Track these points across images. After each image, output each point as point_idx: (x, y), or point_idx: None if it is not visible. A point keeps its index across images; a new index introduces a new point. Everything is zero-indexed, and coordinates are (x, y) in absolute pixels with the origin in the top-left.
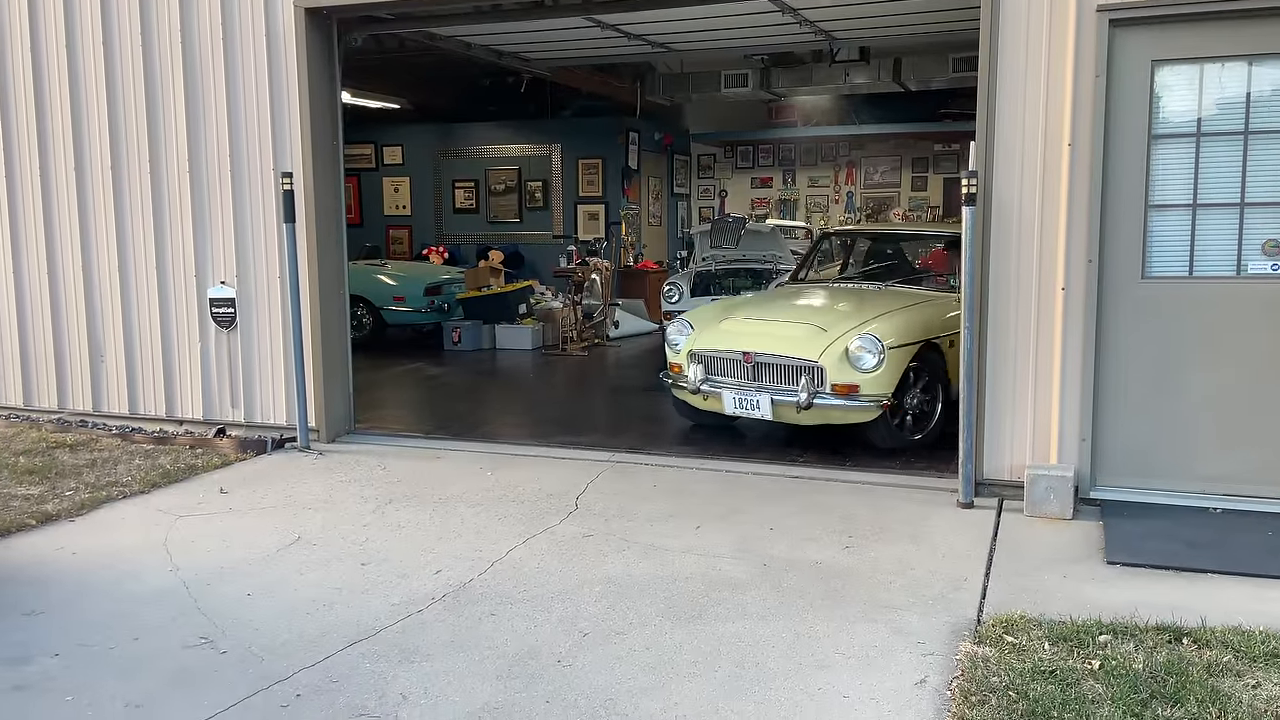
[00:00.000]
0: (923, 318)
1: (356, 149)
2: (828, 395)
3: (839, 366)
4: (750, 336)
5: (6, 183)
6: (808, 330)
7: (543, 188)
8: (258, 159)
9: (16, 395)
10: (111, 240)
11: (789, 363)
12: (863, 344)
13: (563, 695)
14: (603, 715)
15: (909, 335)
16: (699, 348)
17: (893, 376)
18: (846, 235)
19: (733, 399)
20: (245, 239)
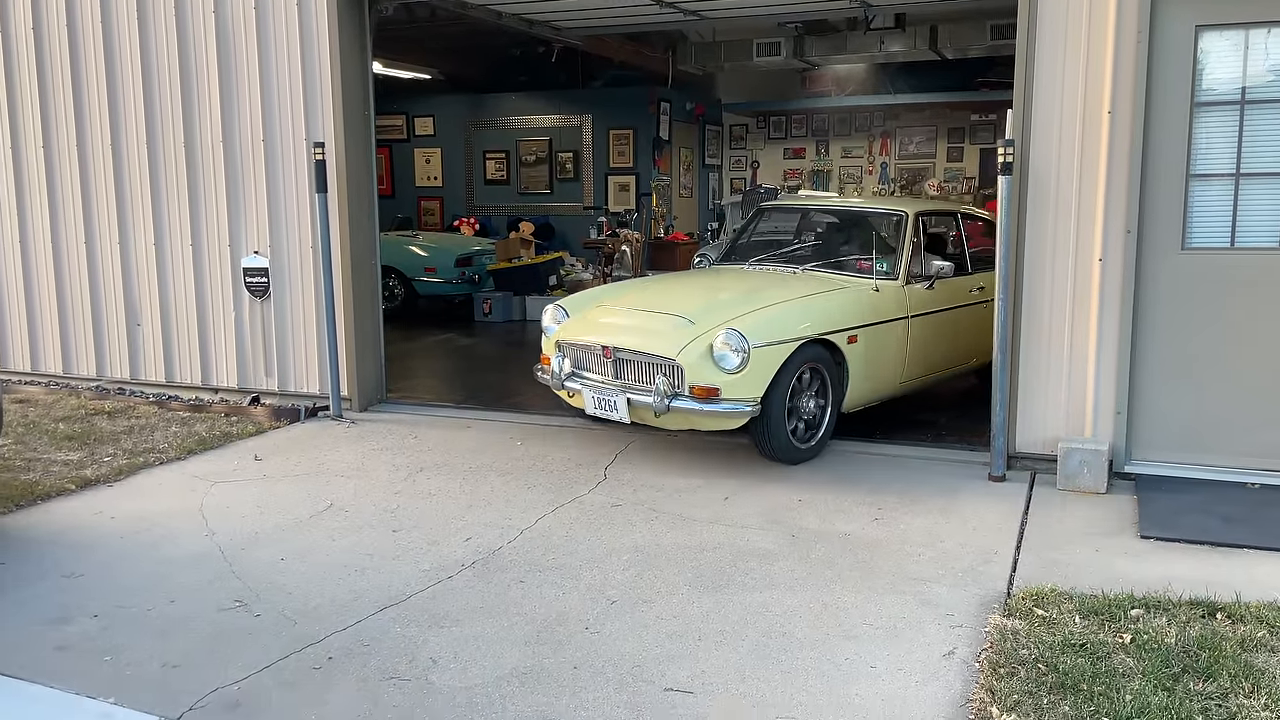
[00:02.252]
0: (819, 310)
1: (388, 120)
2: (686, 398)
3: (699, 365)
4: (614, 328)
5: (44, 155)
6: (673, 323)
7: (573, 159)
8: (290, 130)
9: (56, 363)
10: (147, 210)
11: (647, 359)
12: (726, 340)
13: (590, 661)
14: (630, 681)
15: (789, 331)
16: (565, 338)
17: (762, 378)
18: (785, 210)
19: (592, 398)
20: (278, 209)
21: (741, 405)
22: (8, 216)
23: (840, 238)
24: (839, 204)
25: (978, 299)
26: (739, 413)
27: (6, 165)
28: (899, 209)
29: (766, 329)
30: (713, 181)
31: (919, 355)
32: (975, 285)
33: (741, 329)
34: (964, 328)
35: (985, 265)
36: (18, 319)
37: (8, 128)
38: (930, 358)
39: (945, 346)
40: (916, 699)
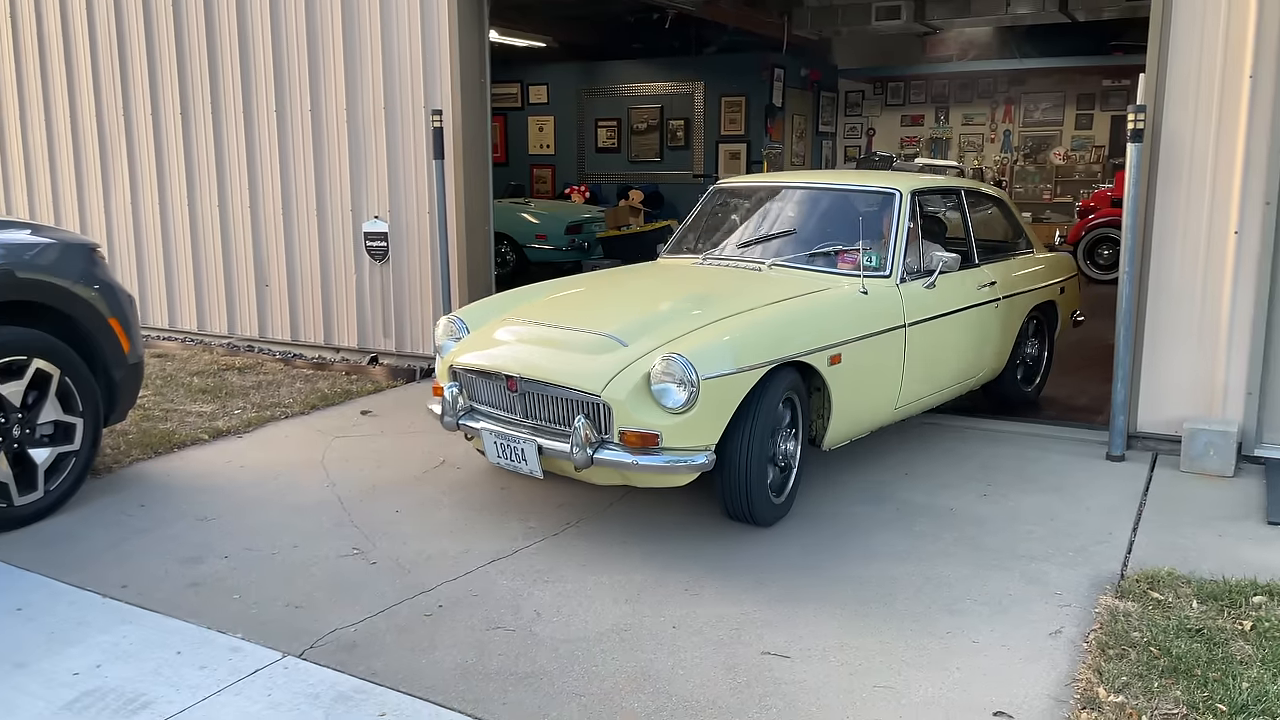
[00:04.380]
0: (792, 321)
1: (503, 88)
2: (615, 446)
3: (632, 403)
4: (522, 350)
5: (182, 123)
6: (599, 344)
7: (684, 126)
8: (410, 98)
9: (191, 320)
10: (276, 176)
11: (563, 394)
12: (667, 369)
13: (689, 622)
14: (728, 643)
15: (753, 352)
16: (460, 361)
17: (717, 418)
18: (746, 192)
19: (494, 444)
20: (397, 176)
21: (688, 457)
22: (148, 181)
23: (818, 224)
24: (815, 181)
25: (988, 298)
26: (685, 466)
27: (147, 132)
28: (891, 186)
29: (723, 352)
30: (826, 149)
31: (918, 373)
32: (984, 280)
33: (687, 352)
34: (972, 336)
35: (995, 254)
36: (157, 278)
37: (148, 96)
38: (932, 375)
39: (950, 360)
40: (1019, 676)
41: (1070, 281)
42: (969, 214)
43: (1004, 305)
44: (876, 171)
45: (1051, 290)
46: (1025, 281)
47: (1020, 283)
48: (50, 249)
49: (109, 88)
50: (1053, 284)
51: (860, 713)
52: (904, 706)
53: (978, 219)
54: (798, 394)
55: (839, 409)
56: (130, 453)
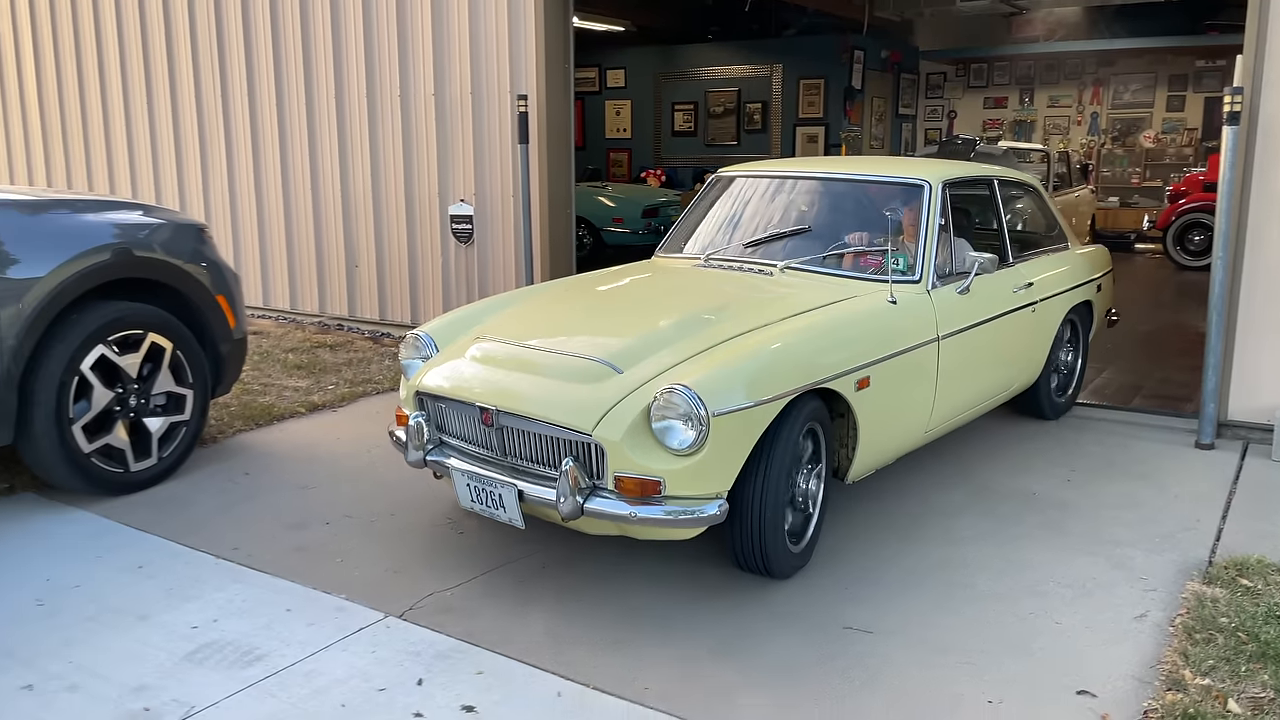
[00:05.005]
0: (817, 339)
1: (581, 73)
2: (609, 495)
3: (630, 444)
4: (499, 374)
5: (277, 108)
6: (589, 370)
7: (761, 110)
8: (495, 83)
9: (285, 299)
10: (366, 160)
11: (547, 431)
12: (671, 404)
13: (770, 596)
14: (806, 618)
15: (772, 381)
16: (428, 387)
17: (731, 460)
18: (754, 183)
19: (467, 486)
20: (483, 159)
21: (697, 507)
22: (244, 163)
23: (836, 220)
24: (833, 171)
25: (1024, 301)
26: (693, 519)
27: (244, 116)
28: (919, 176)
29: (737, 381)
30: (906, 132)
31: (952, 392)
32: (1020, 282)
33: (695, 383)
34: (1008, 345)
35: (1030, 251)
36: (253, 259)
37: (245, 83)
38: (966, 392)
39: (986, 374)
40: (1103, 657)
41: (1107, 278)
42: (1001, 206)
43: (1041, 309)
44: (903, 159)
45: (1089, 289)
46: (1063, 281)
47: (1058, 282)
48: (163, 229)
49: (207, 76)
50: (1091, 282)
51: (942, 687)
52: (985, 683)
53: (1011, 211)
54: (821, 423)
55: (866, 438)
56: (234, 424)
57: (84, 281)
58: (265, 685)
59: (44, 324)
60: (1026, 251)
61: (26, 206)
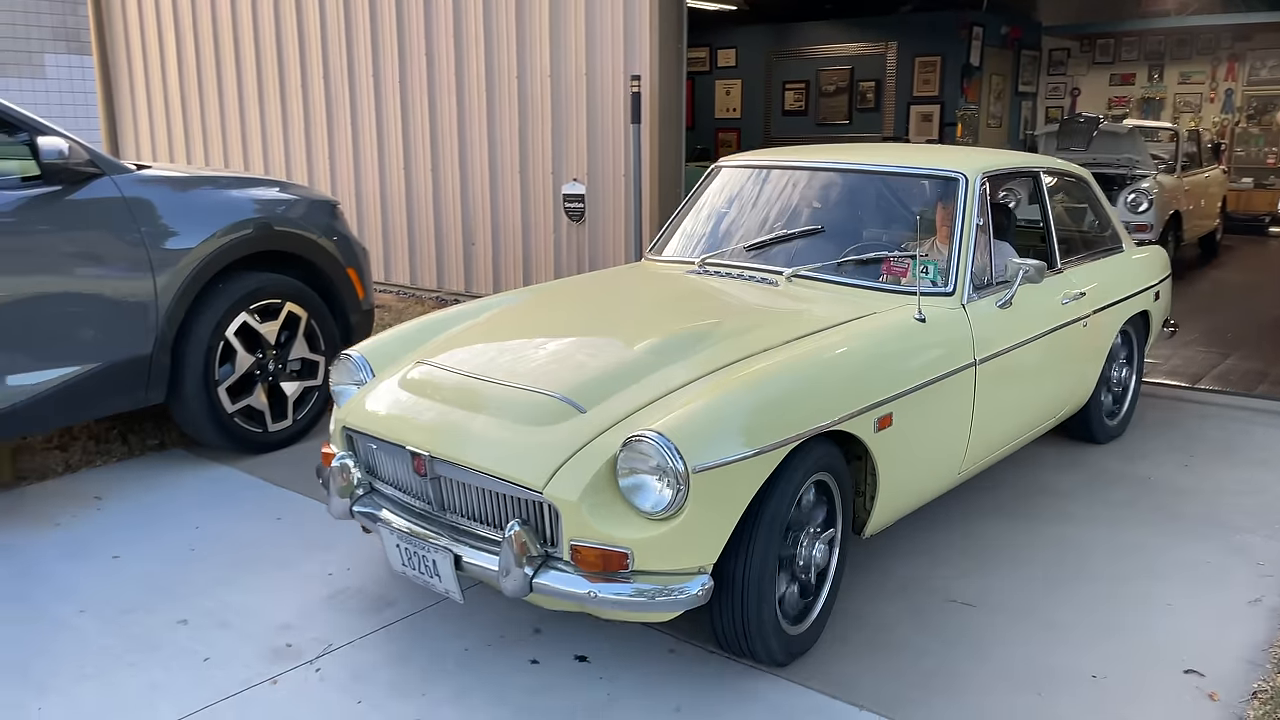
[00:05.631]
0: (828, 372)
1: (692, 52)
2: (565, 567)
3: (590, 505)
4: (437, 411)
5: (400, 90)
6: (545, 408)
7: (874, 88)
8: (610, 64)
9: (405, 275)
10: (483, 141)
11: (490, 486)
12: (641, 455)
13: (877, 565)
14: (912, 590)
15: (770, 426)
16: (352, 422)
17: (717, 525)
18: (759, 175)
19: (397, 548)
20: (595, 139)
21: (673, 586)
22: (369, 145)
23: (855, 220)
24: (853, 162)
25: (1075, 315)
26: (668, 601)
27: (369, 98)
28: (955, 168)
29: (726, 425)
30: (1025, 110)
31: (990, 424)
32: (1070, 291)
33: (673, 429)
34: (1056, 366)
35: (1081, 254)
36: (375, 235)
37: (371, 65)
38: (1007, 425)
39: (1030, 401)
40: (1213, 639)
41: (1165, 284)
42: (1048, 202)
43: (1094, 322)
44: (935, 147)
45: (1146, 297)
46: (1118, 288)
47: (1113, 290)
48: (299, 204)
49: (336, 61)
50: (1149, 289)
51: (1045, 660)
52: (1090, 658)
53: (1059, 209)
54: (834, 472)
55: (888, 486)
56: None
57: (229, 253)
58: (395, 628)
59: (194, 293)
60: (1077, 255)
61: (179, 183)
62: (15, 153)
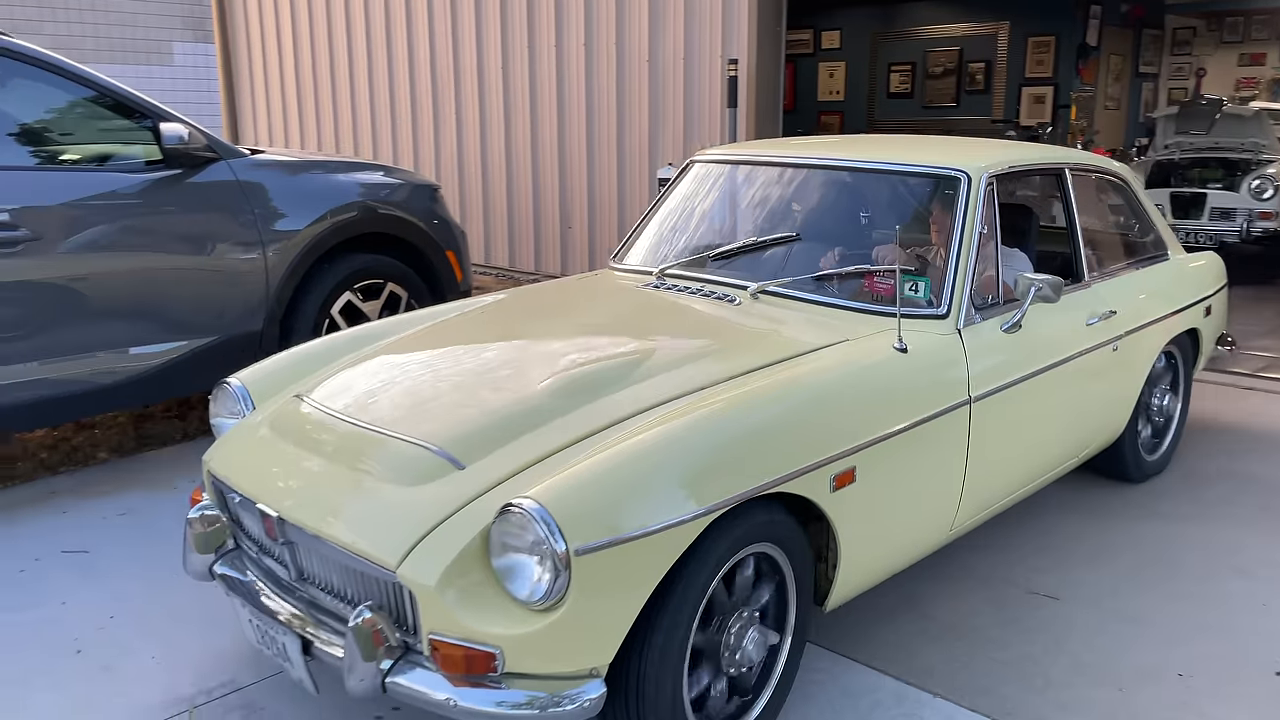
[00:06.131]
0: (768, 424)
1: (795, 34)
2: (425, 664)
3: (452, 590)
4: (297, 459)
5: (503, 76)
6: (417, 463)
7: (984, 69)
8: (707, 47)
9: (504, 258)
10: (581, 126)
11: (341, 559)
12: (513, 528)
13: (960, 558)
14: (995, 583)
15: (684, 491)
16: (214, 467)
17: (612, 620)
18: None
19: (249, 623)
20: (692, 123)
21: (558, 694)
22: (472, 130)
23: (837, 226)
24: (839, 158)
25: (1104, 338)
26: (546, 712)
27: (472, 83)
28: (956, 166)
29: (623, 491)
30: (1146, 92)
31: (990, 473)
32: (1098, 310)
33: (554, 498)
34: (1079, 398)
35: (1116, 265)
36: (476, 218)
37: (475, 51)
38: (1012, 472)
39: (1042, 442)
40: None
41: (1219, 296)
42: (1075, 206)
43: (1128, 345)
44: (939, 139)
45: (1195, 313)
46: (1160, 304)
47: (1153, 307)
48: (401, 188)
49: (442, 50)
50: (1198, 304)
51: (1128, 657)
52: (1177, 656)
53: (1089, 213)
54: (779, 543)
55: (853, 553)
56: None
57: (335, 235)
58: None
59: (302, 272)
60: (1110, 266)
61: (289, 167)
62: (140, 138)
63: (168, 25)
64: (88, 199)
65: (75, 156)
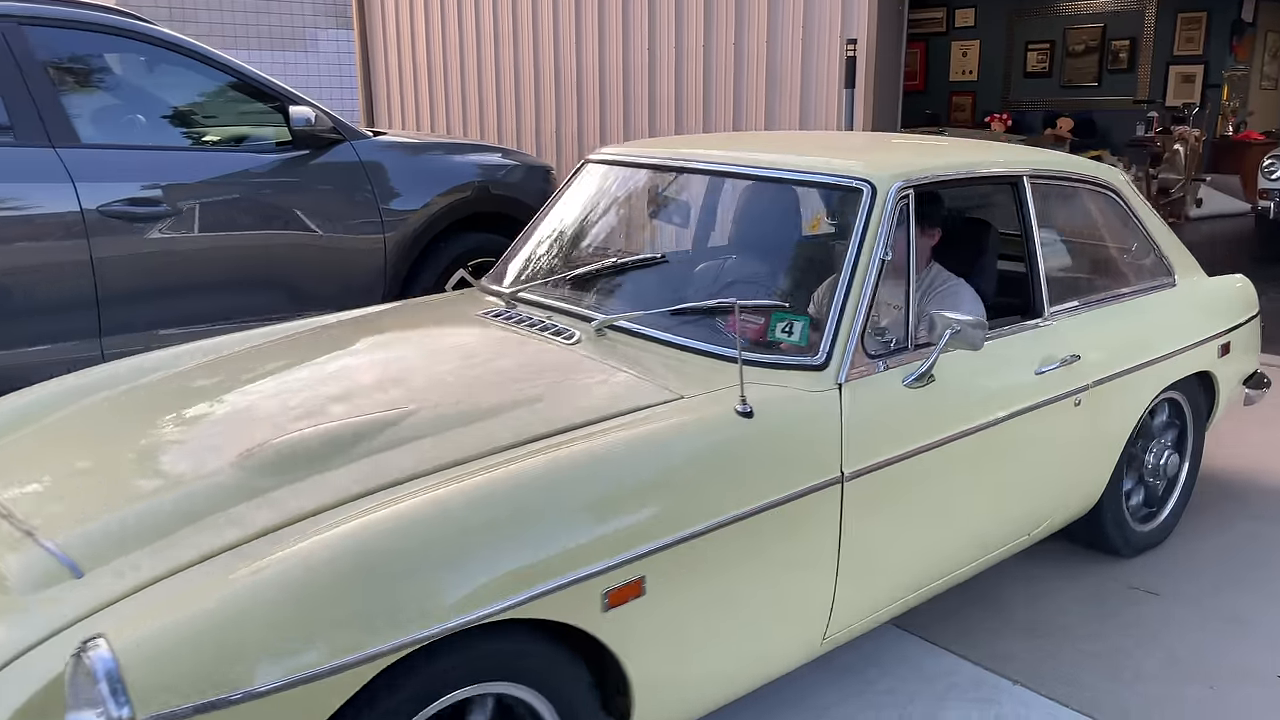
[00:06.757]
0: (497, 519)
1: (927, 13)
2: None
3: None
4: None
5: (622, 59)
6: (33, 567)
7: (1129, 47)
8: (826, 27)
9: None
10: (699, 107)
11: None
12: (80, 675)
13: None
14: (1093, 575)
15: (345, 629)
16: None
17: None
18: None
19: None
20: (809, 104)
21: None
22: (592, 113)
23: (724, 246)
24: (730, 162)
25: (1058, 390)
26: None
27: (594, 70)
28: (857, 175)
29: (242, 635)
30: None
31: (884, 567)
32: (1054, 355)
33: (127, 648)
34: (1020, 469)
35: (1091, 297)
36: None
37: (597, 37)
38: (921, 563)
39: (966, 525)
40: None
41: (1243, 330)
42: (1034, 223)
43: (1097, 397)
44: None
45: (1205, 354)
46: (1152, 344)
47: (1139, 348)
48: (516, 169)
49: (566, 34)
50: (1210, 341)
51: (1226, 657)
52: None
53: (1059, 229)
54: (535, 683)
55: (653, 689)
56: None
57: (450, 214)
58: None
59: (418, 249)
60: (1084, 297)
61: (409, 148)
62: (272, 120)
63: (311, 13)
64: (224, 177)
65: (214, 138)
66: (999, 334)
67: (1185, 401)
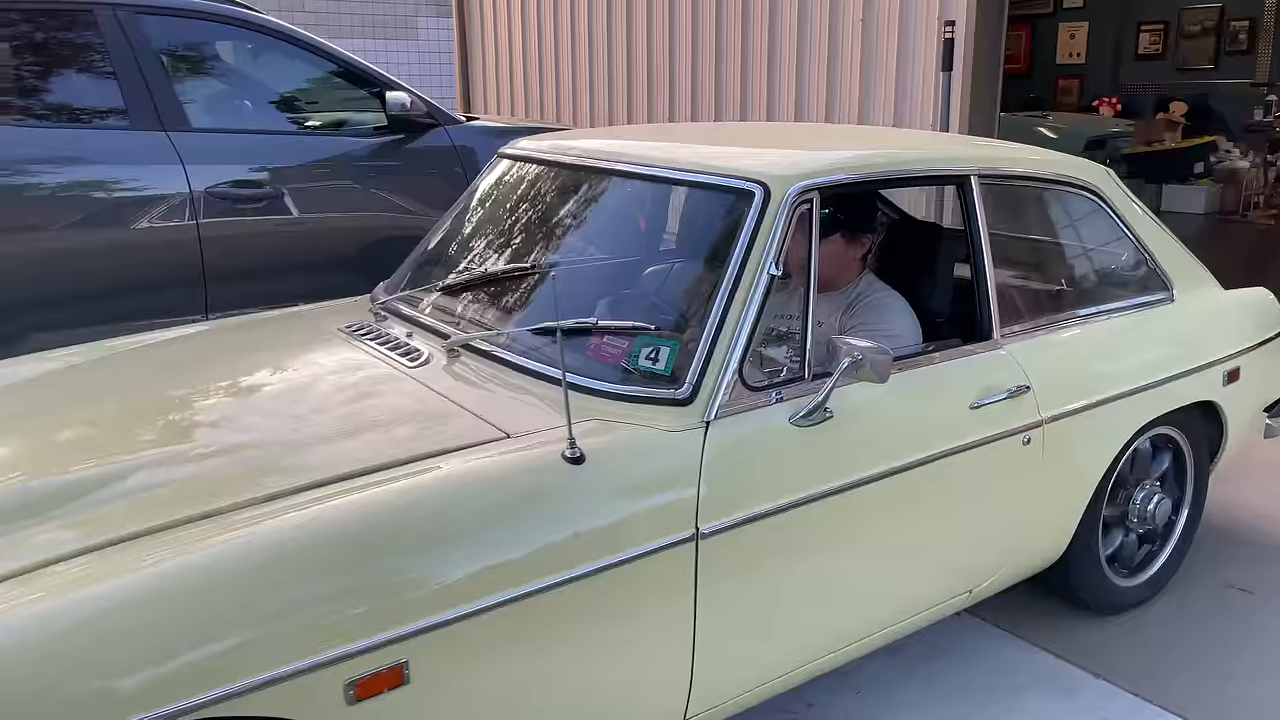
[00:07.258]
0: (216, 589)
1: None
2: None
3: None
4: None
5: (715, 51)
6: None
7: (1248, 28)
8: (924, 8)
9: None
10: (792, 89)
11: None
12: None
13: None
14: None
15: None
16: None
17: None
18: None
19: None
20: (905, 88)
21: None
22: (684, 101)
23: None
24: (623, 162)
25: (1001, 429)
26: None
27: (687, 59)
28: (751, 176)
29: None
30: None
31: (758, 637)
32: (1003, 384)
33: None
34: (953, 521)
35: (1059, 316)
36: None
37: (690, 27)
38: (810, 633)
39: (871, 587)
40: None
41: (1257, 353)
42: (982, 231)
43: (1054, 435)
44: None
45: (1205, 382)
46: (1133, 370)
47: (1112, 376)
48: None
49: (659, 22)
50: (1211, 367)
51: None
52: None
53: (1020, 240)
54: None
55: None
56: None
57: None
58: None
59: None
60: (1048, 316)
61: (499, 133)
62: (370, 106)
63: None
64: (324, 160)
65: (316, 123)
66: (928, 360)
67: (1182, 437)
